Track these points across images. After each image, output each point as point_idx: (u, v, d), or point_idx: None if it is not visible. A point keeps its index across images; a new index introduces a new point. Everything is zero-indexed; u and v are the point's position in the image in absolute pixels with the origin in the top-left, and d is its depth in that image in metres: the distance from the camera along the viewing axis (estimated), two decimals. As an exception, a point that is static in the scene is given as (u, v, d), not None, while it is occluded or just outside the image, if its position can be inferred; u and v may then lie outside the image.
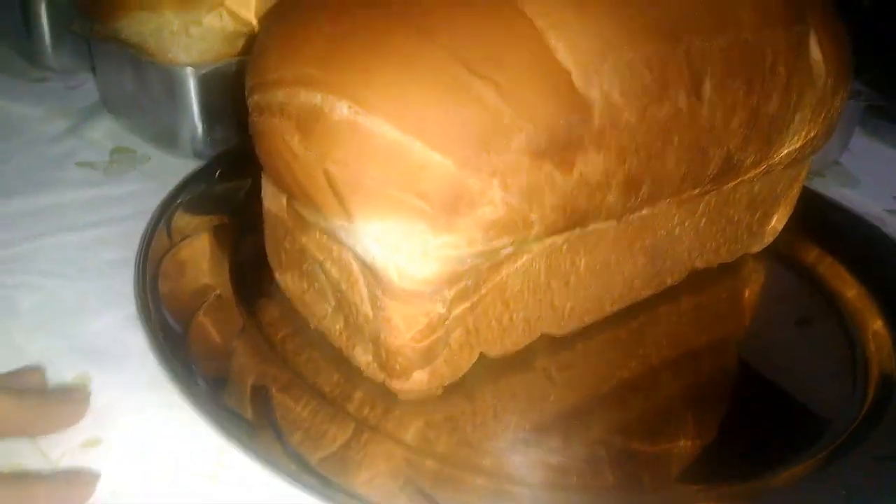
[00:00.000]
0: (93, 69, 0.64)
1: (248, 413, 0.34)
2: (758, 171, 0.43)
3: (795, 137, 0.43)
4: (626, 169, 0.35)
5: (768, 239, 0.55)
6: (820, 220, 0.58)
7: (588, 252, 0.42)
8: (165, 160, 0.59)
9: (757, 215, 0.52)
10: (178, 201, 0.48)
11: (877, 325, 0.48)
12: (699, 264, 0.51)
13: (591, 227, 0.39)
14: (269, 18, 0.38)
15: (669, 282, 0.49)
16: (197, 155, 0.57)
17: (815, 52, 0.42)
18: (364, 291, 0.36)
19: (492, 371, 0.42)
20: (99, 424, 0.35)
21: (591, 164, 0.34)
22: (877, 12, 0.88)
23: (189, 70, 0.53)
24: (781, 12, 0.39)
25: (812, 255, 0.56)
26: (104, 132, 0.62)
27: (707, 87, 0.36)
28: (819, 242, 0.56)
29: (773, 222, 0.54)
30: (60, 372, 0.38)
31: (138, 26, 0.53)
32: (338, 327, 0.40)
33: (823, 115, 0.44)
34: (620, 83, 0.33)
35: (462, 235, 0.33)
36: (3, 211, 0.50)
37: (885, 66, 0.83)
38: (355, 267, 0.36)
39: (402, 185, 0.32)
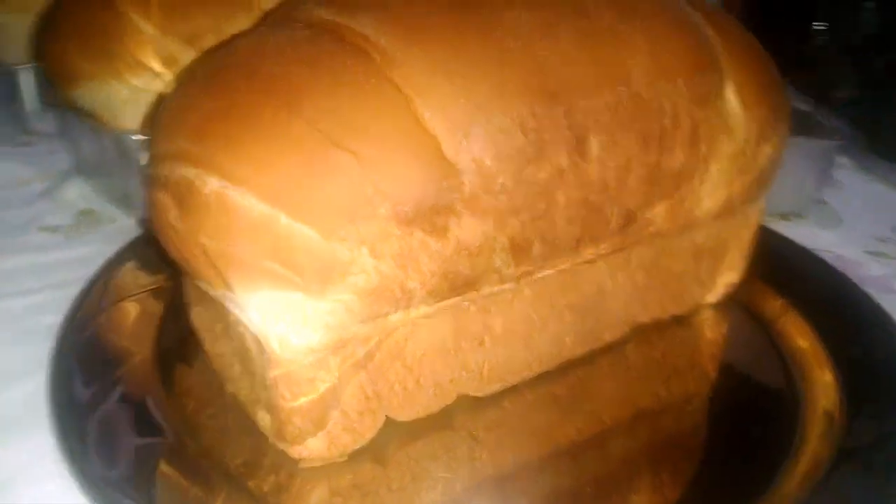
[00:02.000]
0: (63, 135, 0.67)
1: (132, 494, 0.34)
2: (676, 224, 0.41)
3: (717, 189, 0.41)
4: (508, 232, 0.34)
5: (723, 289, 0.53)
6: (787, 268, 0.56)
7: (502, 312, 0.41)
8: (129, 222, 0.60)
9: (704, 265, 0.50)
10: (118, 265, 0.49)
11: (827, 377, 0.46)
12: (643, 318, 0.49)
13: (496, 288, 0.38)
14: (169, 90, 0.38)
15: (608, 337, 0.48)
16: (153, 216, 0.58)
17: (732, 101, 0.41)
18: (258, 358, 0.36)
19: (403, 434, 0.41)
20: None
21: (467, 229, 0.33)
22: (869, 49, 0.86)
23: (139, 137, 0.55)
24: (683, 63, 0.38)
25: (775, 306, 0.53)
26: (76, 194, 0.64)
27: (593, 146, 0.35)
28: (784, 293, 0.54)
29: (725, 271, 0.52)
30: (-31, 441, 0.39)
31: (91, 95, 0.55)
32: (244, 392, 0.40)
33: (748, 164, 0.42)
34: (492, 147, 0.33)
35: (339, 304, 0.33)
36: (-43, 278, 0.52)
37: (874, 100, 0.81)
38: (248, 334, 0.36)
39: (272, 257, 0.32)
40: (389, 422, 0.40)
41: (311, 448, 0.37)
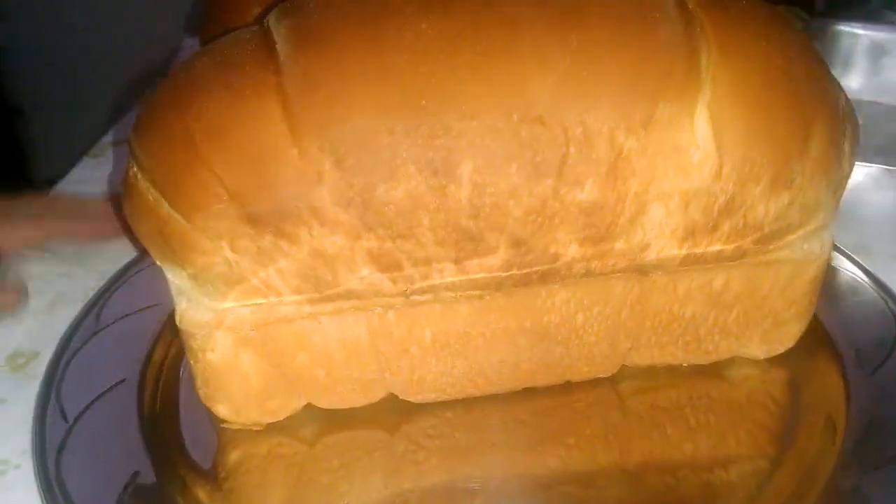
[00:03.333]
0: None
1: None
2: (610, 264, 0.37)
3: (667, 231, 0.36)
4: (365, 246, 0.34)
5: (770, 346, 0.45)
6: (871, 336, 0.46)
7: (432, 323, 0.40)
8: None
9: (732, 315, 0.43)
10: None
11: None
12: (639, 360, 0.44)
13: (423, 297, 0.38)
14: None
15: (589, 373, 0.44)
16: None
17: (702, 131, 0.35)
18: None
19: (332, 423, 0.43)
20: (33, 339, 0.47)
21: (318, 238, 0.34)
22: None
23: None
24: (618, 84, 0.34)
25: (838, 391, 0.44)
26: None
27: (465, 169, 0.33)
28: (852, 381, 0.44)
29: (771, 325, 0.44)
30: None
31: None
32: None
33: (722, 207, 0.36)
34: (345, 161, 0.33)
35: (210, 289, 0.36)
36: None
37: None
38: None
39: (162, 237, 0.36)
40: (320, 411, 0.43)
41: (222, 412, 0.41)
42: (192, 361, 0.40)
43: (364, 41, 0.34)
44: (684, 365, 0.46)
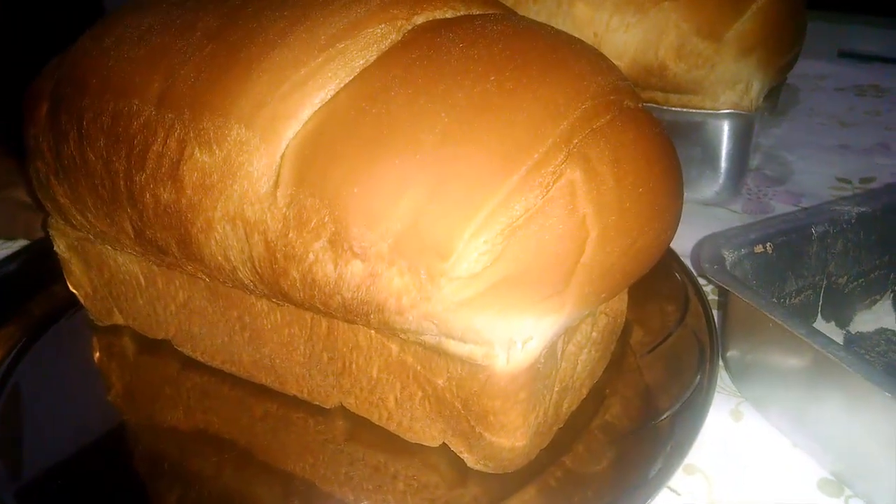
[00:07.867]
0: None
1: None
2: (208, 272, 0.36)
3: (240, 256, 0.34)
4: (61, 190, 0.41)
5: (483, 459, 0.37)
6: None
7: (183, 288, 0.45)
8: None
9: (419, 396, 0.38)
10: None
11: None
12: (353, 407, 0.41)
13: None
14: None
15: (304, 393, 0.43)
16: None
17: (276, 166, 0.33)
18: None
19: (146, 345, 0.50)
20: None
21: (45, 173, 0.43)
22: None
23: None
24: (193, 118, 0.35)
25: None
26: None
27: (98, 144, 0.37)
28: None
29: (465, 430, 0.37)
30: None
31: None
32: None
33: (281, 250, 0.33)
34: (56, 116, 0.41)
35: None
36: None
37: None
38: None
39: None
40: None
41: (78, 296, 0.51)
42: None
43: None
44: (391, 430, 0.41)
